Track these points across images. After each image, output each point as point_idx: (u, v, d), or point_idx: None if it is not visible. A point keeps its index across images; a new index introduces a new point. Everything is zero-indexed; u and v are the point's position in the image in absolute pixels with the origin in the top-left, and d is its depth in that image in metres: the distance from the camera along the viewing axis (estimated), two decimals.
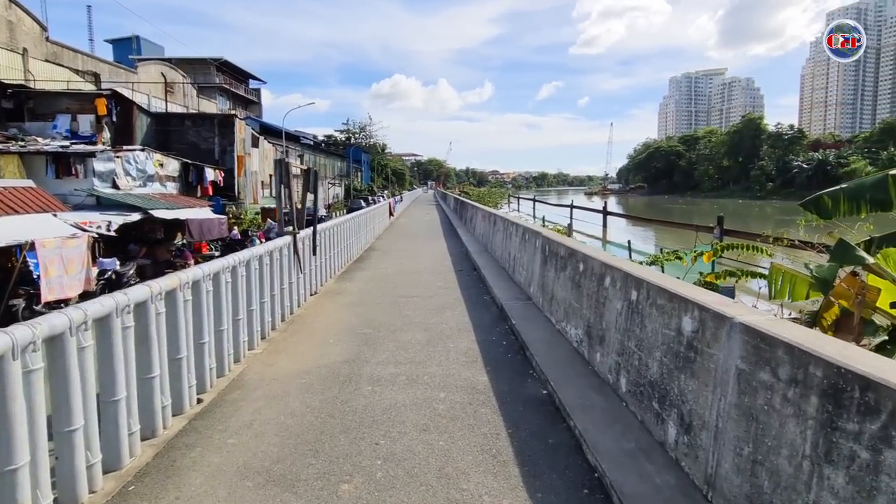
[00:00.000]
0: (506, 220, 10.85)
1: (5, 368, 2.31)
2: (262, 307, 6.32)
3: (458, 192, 51.00)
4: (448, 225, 21.71)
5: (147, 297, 3.45)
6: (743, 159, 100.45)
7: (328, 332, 6.70)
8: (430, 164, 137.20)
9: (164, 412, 3.68)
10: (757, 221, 54.64)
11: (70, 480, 2.78)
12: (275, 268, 6.81)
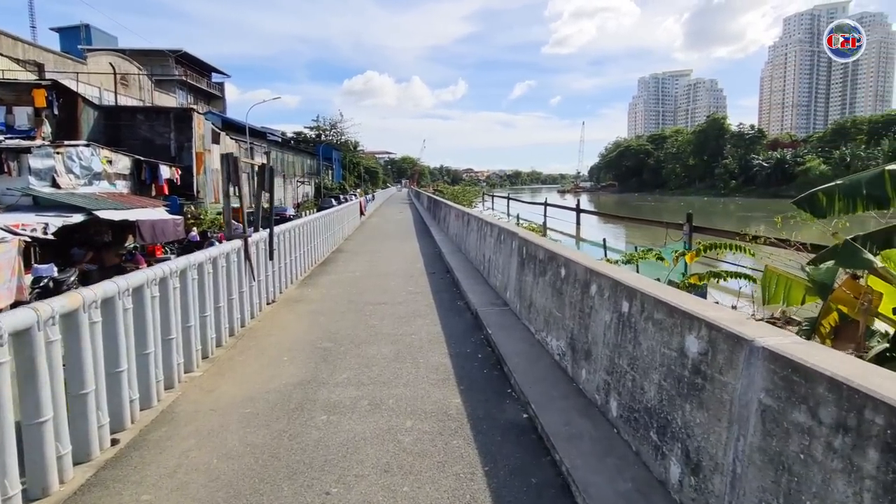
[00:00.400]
0: (480, 219, 10.32)
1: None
2: (204, 322, 5.60)
3: (432, 191, 50.37)
4: (421, 224, 21.09)
5: (32, 323, 2.74)
6: (708, 158, 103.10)
7: (283, 348, 6.01)
8: (403, 162, 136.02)
9: (60, 463, 2.97)
10: (721, 218, 55.99)
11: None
12: (220, 276, 6.08)
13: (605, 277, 4.17)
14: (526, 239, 6.69)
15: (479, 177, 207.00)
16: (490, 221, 9.27)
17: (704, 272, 7.10)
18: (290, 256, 9.46)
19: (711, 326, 2.72)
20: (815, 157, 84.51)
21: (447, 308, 7.81)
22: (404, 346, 6.00)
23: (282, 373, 5.24)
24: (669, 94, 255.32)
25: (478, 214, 11.02)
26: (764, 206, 72.11)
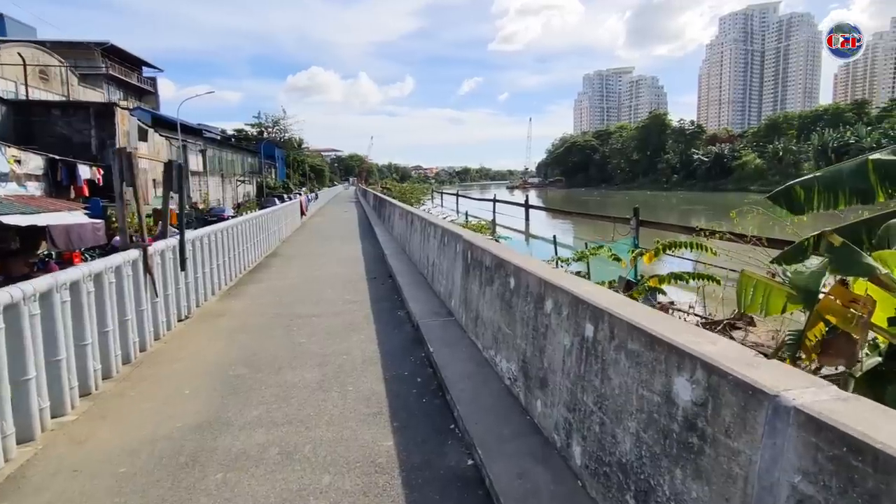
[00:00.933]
0: (423, 219, 9.50)
1: None
2: (83, 352, 4.52)
3: (380, 189, 49.06)
4: (366, 224, 20.02)
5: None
6: (651, 153, 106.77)
7: (187, 377, 4.98)
8: (351, 160, 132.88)
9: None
10: (665, 211, 57.90)
11: None
12: (108, 295, 4.98)
13: (562, 292, 3.45)
14: (471, 242, 5.92)
15: (428, 174, 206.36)
16: (433, 221, 8.47)
17: (665, 274, 6.58)
18: (212, 264, 8.32)
19: (710, 368, 2.02)
20: (750, 152, 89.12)
21: (386, 320, 6.95)
22: (333, 370, 5.11)
23: (179, 411, 4.25)
24: (613, 91, 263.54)
25: (421, 214, 10.20)
26: (704, 199, 75.44)
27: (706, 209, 61.61)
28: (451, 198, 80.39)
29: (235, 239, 10.02)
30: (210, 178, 32.75)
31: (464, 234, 6.48)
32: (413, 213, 10.99)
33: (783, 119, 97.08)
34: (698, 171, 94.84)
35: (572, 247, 34.57)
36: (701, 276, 6.38)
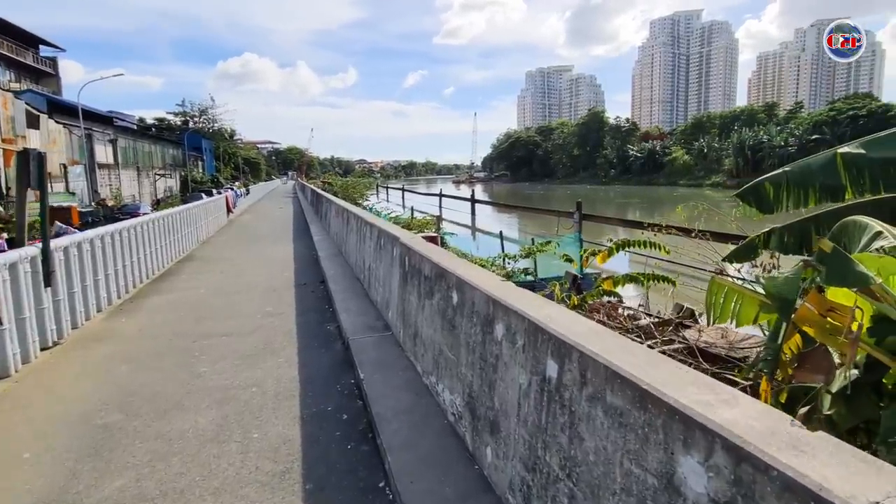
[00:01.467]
0: (359, 217, 8.56)
1: None
2: None
3: (321, 183, 47.03)
4: (302, 222, 18.64)
5: None
6: (590, 149, 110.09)
7: (31, 432, 3.85)
8: (290, 153, 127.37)
9: None
10: (603, 204, 59.51)
11: None
12: None
13: (516, 315, 2.71)
14: (408, 247, 5.10)
15: (373, 168, 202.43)
16: (369, 220, 7.56)
17: (620, 275, 6.04)
18: (99, 273, 6.99)
19: (737, 451, 1.33)
20: (679, 148, 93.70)
21: (312, 336, 6.00)
22: (237, 409, 4.14)
23: (8, 486, 3.15)
24: (555, 88, 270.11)
25: (357, 211, 9.24)
26: (638, 193, 78.51)
27: (640, 202, 64.10)
28: (397, 192, 79.01)
29: (136, 241, 8.66)
30: (123, 171, 29.72)
31: (401, 237, 5.65)
32: (349, 210, 10.00)
33: (707, 118, 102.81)
34: (633, 167, 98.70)
35: (518, 241, 34.52)
36: (657, 278, 5.89)
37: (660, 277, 5.87)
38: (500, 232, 15.96)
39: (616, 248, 6.27)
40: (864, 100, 66.58)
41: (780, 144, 69.49)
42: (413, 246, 5.01)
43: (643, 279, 5.93)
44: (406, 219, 26.31)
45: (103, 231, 7.30)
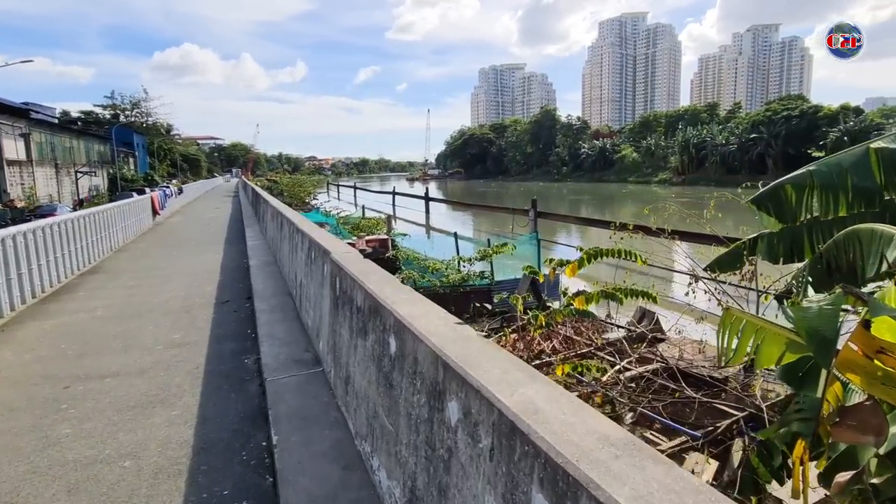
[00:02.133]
0: (291, 223, 7.37)
1: None
2: None
3: (266, 181, 44.54)
4: (237, 224, 16.98)
5: None
6: (543, 146, 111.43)
7: None
8: (234, 149, 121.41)
9: None
10: (556, 201, 59.96)
11: None
12: None
13: (479, 395, 1.74)
14: (339, 265, 4.05)
15: (323, 165, 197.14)
16: (300, 227, 6.39)
17: (593, 291, 5.20)
18: None
19: None
20: (628, 146, 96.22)
21: (223, 375, 4.83)
22: (92, 500, 2.96)
23: None
24: (508, 86, 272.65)
25: (290, 216, 8.01)
26: (590, 190, 79.89)
27: (592, 199, 65.11)
28: (349, 190, 76.76)
29: (21, 252, 7.12)
30: (39, 168, 26.64)
31: (332, 251, 4.57)
32: (283, 213, 8.73)
33: (653, 117, 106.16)
34: (585, 164, 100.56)
35: (474, 241, 33.65)
36: (636, 293, 5.10)
37: (639, 293, 5.08)
38: (454, 233, 15.00)
39: (587, 259, 5.43)
40: (797, 101, 70.23)
41: (721, 143, 72.29)
42: (345, 265, 3.95)
43: (620, 294, 5.12)
44: (357, 218, 24.96)
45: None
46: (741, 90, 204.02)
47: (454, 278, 12.37)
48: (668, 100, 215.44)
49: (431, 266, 12.35)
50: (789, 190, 3.33)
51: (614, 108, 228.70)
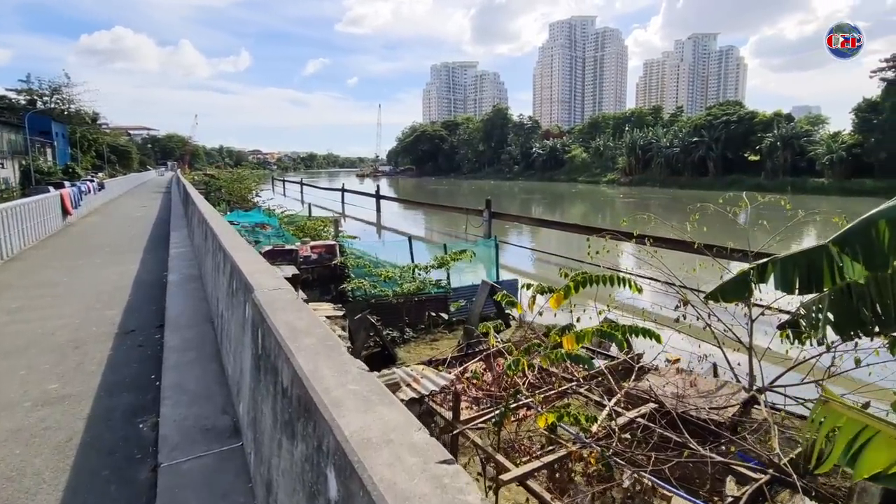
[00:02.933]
0: (216, 236, 6.07)
1: None
2: None
3: (203, 176, 41.54)
4: (164, 227, 15.03)
5: None
6: (495, 145, 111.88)
7: None
8: (170, 141, 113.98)
9: None
10: (507, 199, 59.92)
11: None
12: None
13: None
14: (263, 312, 2.93)
15: (268, 159, 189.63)
16: (224, 244, 5.12)
17: (585, 329, 4.30)
18: None
19: None
20: (578, 147, 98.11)
21: (105, 451, 3.57)
22: None
23: None
24: (460, 84, 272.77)
25: (215, 224, 6.66)
26: (541, 188, 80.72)
27: (543, 197, 65.65)
28: (295, 186, 73.58)
29: None
30: None
31: (256, 288, 3.41)
32: (208, 222, 7.35)
33: (601, 119, 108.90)
34: (536, 163, 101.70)
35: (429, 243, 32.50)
36: (640, 332, 4.26)
37: (644, 331, 4.24)
38: (408, 237, 13.91)
39: (574, 287, 4.54)
40: (735, 107, 73.55)
41: (666, 145, 74.77)
42: (270, 315, 2.83)
43: (619, 333, 4.26)
44: (302, 218, 23.30)
45: None
46: (683, 94, 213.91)
47: (409, 287, 11.31)
48: (616, 102, 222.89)
49: (384, 274, 11.22)
50: (882, 227, 2.52)
51: (564, 108, 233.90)
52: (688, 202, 58.87)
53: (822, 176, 55.90)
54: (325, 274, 11.00)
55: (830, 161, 54.42)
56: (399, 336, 10.56)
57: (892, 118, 49.93)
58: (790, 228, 6.50)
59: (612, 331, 4.11)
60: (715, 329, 6.09)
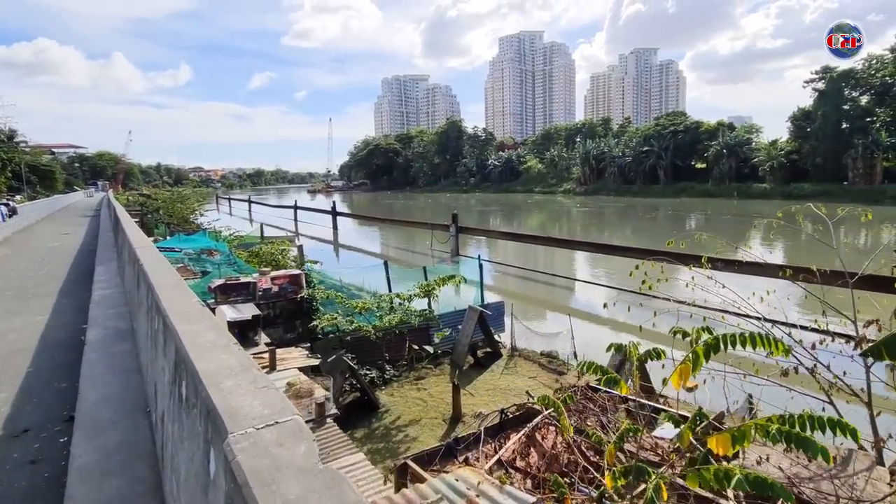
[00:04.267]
0: (150, 285, 4.23)
1: None
2: None
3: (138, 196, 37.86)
4: (89, 259, 12.49)
5: None
6: (450, 157, 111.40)
7: None
8: (101, 160, 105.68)
9: None
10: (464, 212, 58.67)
11: None
12: None
13: None
14: (244, 478, 1.23)
15: (211, 176, 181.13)
16: (163, 307, 3.33)
17: (761, 419, 2.83)
18: None
19: None
20: (533, 158, 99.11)
21: None
22: None
23: None
24: (412, 97, 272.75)
25: (150, 270, 4.74)
26: (498, 200, 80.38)
27: (500, 209, 65.13)
28: (242, 204, 69.46)
29: None
30: None
31: (232, 432, 1.71)
32: (140, 260, 5.42)
33: (554, 130, 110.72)
34: (493, 175, 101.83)
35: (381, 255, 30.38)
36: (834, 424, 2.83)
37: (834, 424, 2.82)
38: (384, 264, 12.16)
39: (705, 354, 3.06)
40: (681, 117, 76.24)
41: (618, 155, 76.39)
42: (251, 480, 1.15)
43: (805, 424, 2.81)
44: (254, 240, 20.97)
45: None
46: (628, 106, 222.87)
47: (390, 319, 9.59)
48: (566, 114, 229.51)
49: (360, 305, 9.48)
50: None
51: (516, 120, 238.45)
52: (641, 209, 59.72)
53: (764, 181, 58.25)
54: (289, 309, 9.15)
55: (771, 167, 56.63)
56: (379, 376, 8.90)
57: (824, 126, 52.61)
58: None
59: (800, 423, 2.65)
60: (820, 376, 4.77)
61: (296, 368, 5.32)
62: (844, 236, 31.87)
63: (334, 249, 37.39)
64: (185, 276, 10.56)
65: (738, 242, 6.45)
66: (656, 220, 46.85)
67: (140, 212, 26.04)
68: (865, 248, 27.05)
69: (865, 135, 49.77)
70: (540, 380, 8.24)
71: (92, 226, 22.25)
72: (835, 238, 5.53)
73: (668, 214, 49.03)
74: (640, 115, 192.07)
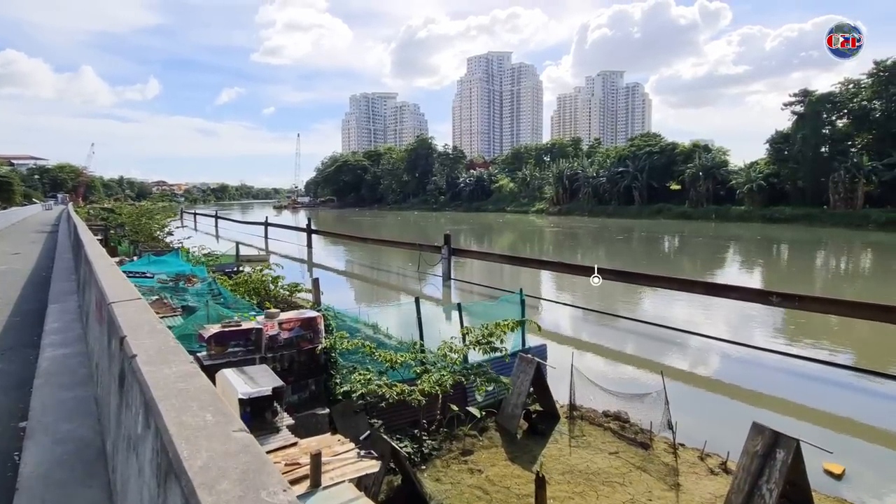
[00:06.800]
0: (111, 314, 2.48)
1: None
2: None
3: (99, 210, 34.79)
4: (41, 289, 10.18)
5: None
6: (419, 175, 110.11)
7: None
8: (61, 172, 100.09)
9: None
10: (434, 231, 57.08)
11: None
12: None
13: None
14: None
15: (175, 190, 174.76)
16: (141, 377, 1.67)
17: None
18: None
19: None
20: (504, 176, 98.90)
21: None
22: None
23: None
24: (380, 114, 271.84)
25: (118, 313, 3.03)
26: (468, 219, 79.29)
27: (470, 227, 64.02)
28: (208, 220, 65.86)
29: None
30: None
31: None
32: (112, 311, 3.62)
33: (524, 150, 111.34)
34: (463, 193, 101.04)
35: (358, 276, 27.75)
36: None
37: None
38: (416, 300, 10.02)
39: None
40: (656, 138, 77.54)
41: (592, 175, 76.83)
42: None
43: None
44: (233, 262, 18.75)
45: None
46: (595, 127, 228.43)
47: (441, 378, 7.15)
48: (533, 134, 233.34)
49: (391, 359, 7.64)
50: None
51: (483, 139, 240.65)
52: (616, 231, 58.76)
53: (741, 204, 58.45)
54: (300, 361, 7.24)
55: (750, 189, 56.78)
56: (416, 450, 6.97)
57: (803, 149, 53.28)
58: None
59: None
60: None
61: (348, 482, 3.59)
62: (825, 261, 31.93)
63: (308, 269, 34.94)
64: (163, 313, 8.54)
65: None
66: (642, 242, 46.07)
67: (103, 227, 23.38)
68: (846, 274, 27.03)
69: (845, 158, 50.43)
70: (624, 457, 6.56)
71: (48, 245, 19.14)
72: None
73: (645, 237, 48.49)
74: (605, 136, 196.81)
